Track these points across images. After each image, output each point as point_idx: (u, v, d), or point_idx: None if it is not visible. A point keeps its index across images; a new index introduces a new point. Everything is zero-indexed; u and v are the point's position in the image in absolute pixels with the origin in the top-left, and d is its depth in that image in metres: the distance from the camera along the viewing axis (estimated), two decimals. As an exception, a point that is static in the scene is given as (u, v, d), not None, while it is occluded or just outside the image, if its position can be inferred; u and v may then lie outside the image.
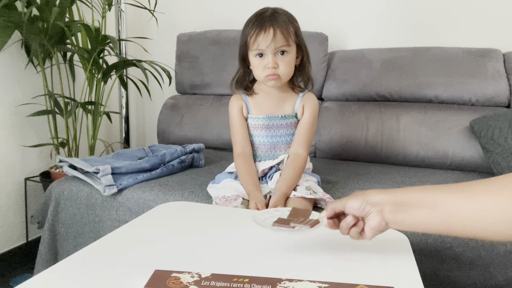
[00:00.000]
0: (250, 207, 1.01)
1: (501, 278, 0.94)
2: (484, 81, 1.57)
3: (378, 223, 0.59)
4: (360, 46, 1.83)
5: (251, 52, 1.09)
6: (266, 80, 1.10)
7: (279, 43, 1.05)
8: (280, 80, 1.10)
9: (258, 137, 1.18)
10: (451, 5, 1.74)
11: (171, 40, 2.06)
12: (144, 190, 1.23)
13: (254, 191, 1.04)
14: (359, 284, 0.52)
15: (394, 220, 0.59)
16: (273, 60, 1.06)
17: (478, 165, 1.50)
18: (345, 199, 0.62)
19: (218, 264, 0.59)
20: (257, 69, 1.10)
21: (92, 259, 0.61)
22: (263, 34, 1.04)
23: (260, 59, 1.08)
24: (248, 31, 1.07)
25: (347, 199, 0.62)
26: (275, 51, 1.06)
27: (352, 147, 1.63)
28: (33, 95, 1.69)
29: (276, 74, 1.08)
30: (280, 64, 1.07)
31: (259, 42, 1.05)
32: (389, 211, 0.59)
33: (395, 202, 0.59)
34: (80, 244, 1.29)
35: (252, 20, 1.09)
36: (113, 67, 1.69)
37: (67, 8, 1.58)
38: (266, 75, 1.08)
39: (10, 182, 1.64)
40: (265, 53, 1.06)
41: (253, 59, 1.10)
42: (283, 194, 1.03)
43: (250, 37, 1.07)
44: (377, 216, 0.59)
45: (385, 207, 0.59)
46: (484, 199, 0.53)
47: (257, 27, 1.05)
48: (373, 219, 0.60)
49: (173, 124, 1.88)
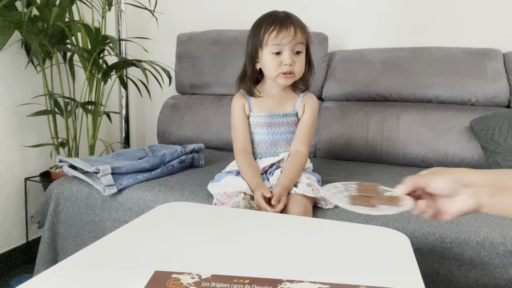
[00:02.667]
0: (256, 197, 1.01)
1: (501, 278, 0.94)
2: (484, 81, 1.57)
3: (470, 206, 0.54)
4: (360, 46, 1.83)
5: (267, 48, 1.10)
6: (279, 78, 1.12)
7: (298, 40, 1.09)
8: (293, 78, 1.13)
9: (259, 134, 1.19)
10: (451, 5, 1.74)
11: (171, 40, 2.06)
12: (144, 190, 1.23)
13: (259, 183, 1.06)
14: (360, 285, 0.52)
15: (492, 203, 0.53)
16: (290, 56, 1.09)
17: (478, 165, 1.50)
18: (429, 175, 0.57)
19: (218, 265, 0.59)
20: (270, 66, 1.11)
21: (92, 260, 0.61)
22: (285, 31, 1.07)
23: (277, 56, 1.10)
24: (266, 28, 1.10)
25: (432, 176, 0.57)
26: (293, 48, 1.09)
27: (352, 147, 1.63)
28: (33, 95, 1.69)
29: (292, 72, 1.11)
30: (297, 61, 1.10)
31: (280, 38, 1.07)
32: (488, 194, 0.53)
33: (495, 184, 0.53)
34: (80, 244, 1.28)
35: (266, 19, 1.11)
36: (113, 67, 1.69)
37: (67, 8, 1.58)
38: (280, 72, 1.11)
39: (10, 182, 1.64)
40: (283, 50, 1.09)
41: (268, 56, 1.11)
42: (285, 186, 1.04)
43: (268, 34, 1.09)
44: (471, 199, 0.54)
45: (483, 189, 0.54)
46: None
47: (277, 24, 1.08)
48: (465, 202, 0.54)
49: (173, 124, 1.88)
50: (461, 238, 0.95)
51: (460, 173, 0.55)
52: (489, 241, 0.94)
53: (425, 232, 0.97)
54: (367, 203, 0.58)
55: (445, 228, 0.97)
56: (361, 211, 0.58)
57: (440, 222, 0.99)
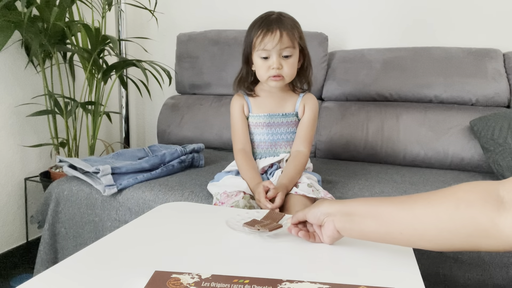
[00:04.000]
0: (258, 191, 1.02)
1: (501, 278, 0.94)
2: (484, 81, 1.57)
3: (331, 232, 0.64)
4: (360, 46, 1.83)
5: (256, 52, 1.11)
6: (269, 81, 1.12)
7: (284, 44, 1.08)
8: (283, 81, 1.13)
9: (258, 135, 1.20)
10: (451, 5, 1.74)
11: (171, 40, 2.06)
12: (144, 190, 1.23)
13: (259, 182, 1.06)
14: (360, 285, 0.52)
15: (344, 228, 0.63)
16: (277, 61, 1.09)
17: (478, 165, 1.50)
18: (308, 209, 0.68)
19: (218, 265, 0.59)
20: (261, 70, 1.12)
21: (92, 259, 0.61)
22: (270, 35, 1.07)
23: (265, 60, 1.10)
24: (255, 32, 1.10)
25: (309, 209, 0.68)
26: (280, 52, 1.09)
27: (352, 147, 1.63)
28: (33, 95, 1.69)
29: (280, 75, 1.10)
30: (284, 65, 1.10)
31: (265, 42, 1.08)
32: (338, 221, 0.63)
33: (343, 212, 0.63)
34: (80, 244, 1.29)
35: (258, 22, 1.12)
36: (113, 67, 1.69)
37: (67, 8, 1.58)
38: (269, 76, 1.11)
39: (10, 182, 1.64)
40: (271, 54, 1.09)
41: (258, 60, 1.12)
42: (283, 185, 1.05)
43: (256, 37, 1.09)
44: (330, 225, 0.64)
45: (336, 217, 0.63)
46: (422, 209, 0.56)
47: (264, 28, 1.08)
48: (327, 228, 0.65)
49: (173, 124, 1.88)
50: (461, 238, 0.95)
51: (324, 205, 0.66)
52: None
53: (425, 232, 0.97)
54: (253, 226, 0.70)
55: (445, 228, 0.97)
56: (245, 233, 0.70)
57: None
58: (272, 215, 0.76)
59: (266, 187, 1.01)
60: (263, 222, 0.71)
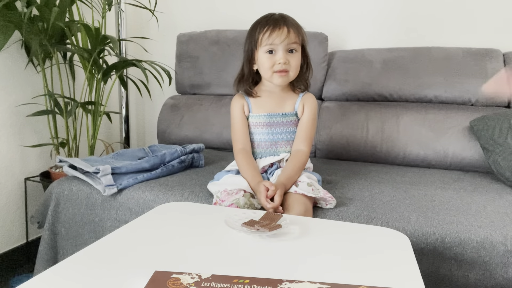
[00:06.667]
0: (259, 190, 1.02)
1: (501, 278, 0.94)
2: (484, 81, 1.57)
3: None
4: (360, 46, 1.83)
5: (261, 48, 1.12)
6: (274, 77, 1.14)
7: (291, 39, 1.10)
8: (288, 77, 1.15)
9: (258, 134, 1.20)
10: (451, 5, 1.74)
11: (171, 40, 2.06)
12: (144, 190, 1.23)
13: (260, 181, 1.06)
14: (360, 285, 0.52)
15: None
16: (284, 56, 1.11)
17: (478, 165, 1.50)
18: None
19: (218, 265, 0.59)
20: (265, 65, 1.13)
21: (92, 260, 0.61)
22: (278, 30, 1.10)
23: (271, 55, 1.12)
24: (260, 29, 1.12)
25: None
26: (287, 47, 1.11)
27: (352, 147, 1.63)
28: (33, 95, 1.69)
29: (286, 70, 1.12)
30: (291, 60, 1.12)
31: (273, 38, 1.10)
32: None
33: None
34: (80, 244, 1.28)
35: (262, 20, 1.14)
36: (113, 67, 1.69)
37: (67, 8, 1.58)
38: (275, 71, 1.12)
39: (10, 182, 1.64)
40: (277, 50, 1.11)
41: (263, 56, 1.13)
42: (281, 183, 1.05)
43: (262, 34, 1.11)
44: None
45: None
46: None
47: (271, 24, 1.11)
48: None
49: (173, 124, 1.88)
50: (461, 238, 0.95)
51: None
52: (489, 241, 0.94)
53: (425, 232, 0.97)
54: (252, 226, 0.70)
55: (445, 228, 0.97)
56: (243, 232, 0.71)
57: (440, 222, 0.99)
58: (270, 215, 0.77)
59: (267, 187, 1.02)
60: (262, 223, 0.72)
